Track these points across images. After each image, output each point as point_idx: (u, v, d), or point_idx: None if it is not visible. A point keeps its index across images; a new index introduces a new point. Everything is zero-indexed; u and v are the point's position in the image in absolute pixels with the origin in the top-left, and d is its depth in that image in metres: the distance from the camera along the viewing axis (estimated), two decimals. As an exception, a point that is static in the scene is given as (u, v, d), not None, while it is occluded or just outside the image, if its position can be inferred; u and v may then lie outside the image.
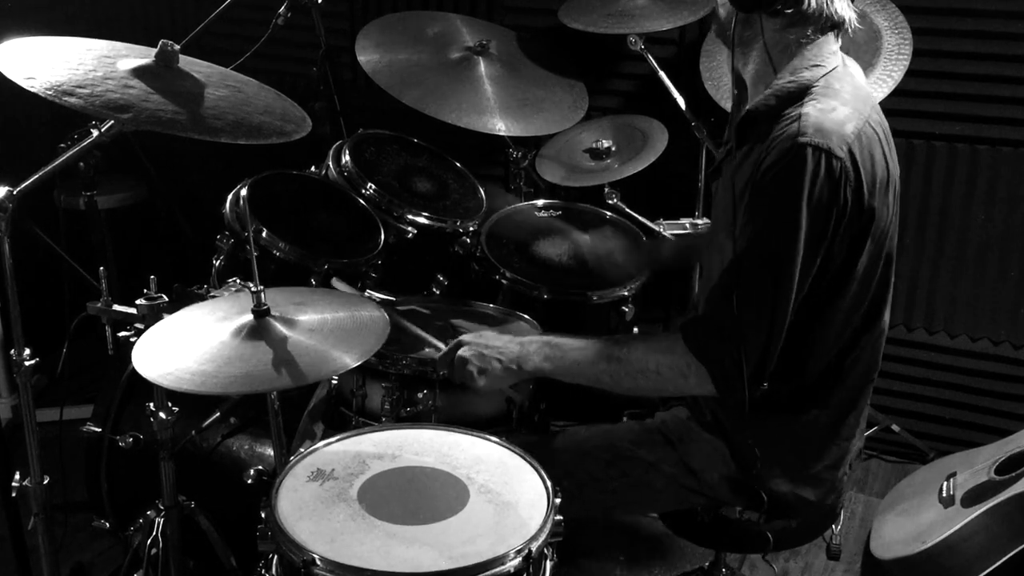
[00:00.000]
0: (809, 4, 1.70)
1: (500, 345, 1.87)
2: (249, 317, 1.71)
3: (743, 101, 1.89)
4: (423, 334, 2.08)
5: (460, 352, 1.88)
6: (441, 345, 2.00)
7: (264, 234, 2.38)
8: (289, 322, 1.72)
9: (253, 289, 1.70)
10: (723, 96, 2.82)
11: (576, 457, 1.95)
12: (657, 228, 2.82)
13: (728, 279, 1.68)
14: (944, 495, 2.42)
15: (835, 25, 1.75)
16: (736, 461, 1.91)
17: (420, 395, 2.11)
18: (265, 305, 1.71)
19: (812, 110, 1.66)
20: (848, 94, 1.72)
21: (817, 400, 1.85)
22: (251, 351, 1.64)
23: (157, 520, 2.06)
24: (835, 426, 1.88)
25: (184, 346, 1.69)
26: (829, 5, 1.72)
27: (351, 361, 1.65)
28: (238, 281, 2.30)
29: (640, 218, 2.85)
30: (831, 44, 1.77)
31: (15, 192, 1.70)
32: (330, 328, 1.74)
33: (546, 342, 1.86)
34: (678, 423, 2.00)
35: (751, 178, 1.68)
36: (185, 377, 1.59)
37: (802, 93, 1.71)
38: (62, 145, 2.06)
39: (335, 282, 2.27)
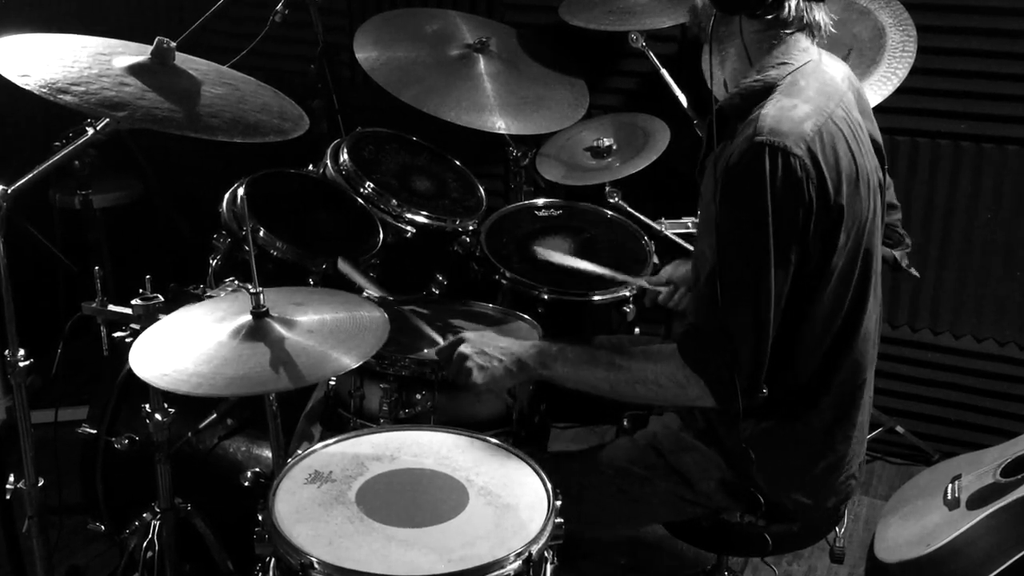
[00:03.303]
0: (788, 10, 1.72)
1: (503, 345, 1.88)
2: (247, 318, 1.69)
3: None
4: (423, 326, 2.05)
5: (461, 348, 1.87)
6: (440, 339, 1.99)
7: (261, 233, 2.37)
8: (288, 323, 1.71)
9: (252, 290, 1.68)
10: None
11: (571, 477, 1.93)
12: (658, 227, 2.80)
13: (711, 287, 1.68)
14: (949, 497, 2.40)
15: (811, 29, 1.77)
16: (731, 466, 1.90)
17: (419, 396, 2.09)
18: (264, 307, 1.69)
19: (772, 109, 1.67)
20: (813, 91, 1.71)
21: (808, 404, 1.85)
22: (249, 352, 1.63)
23: (153, 523, 2.04)
24: (829, 430, 1.88)
25: (182, 347, 1.68)
26: (808, 12, 1.74)
27: (350, 362, 1.64)
28: (235, 281, 2.29)
29: (641, 217, 2.84)
30: (801, 41, 1.78)
31: (9, 191, 1.71)
32: (329, 329, 1.73)
33: (548, 346, 1.87)
34: (669, 434, 1.99)
35: (721, 178, 1.68)
36: (182, 379, 1.58)
37: (767, 91, 1.72)
38: (57, 143, 2.05)
39: (341, 263, 2.22)
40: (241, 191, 2.46)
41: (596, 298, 2.60)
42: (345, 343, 1.69)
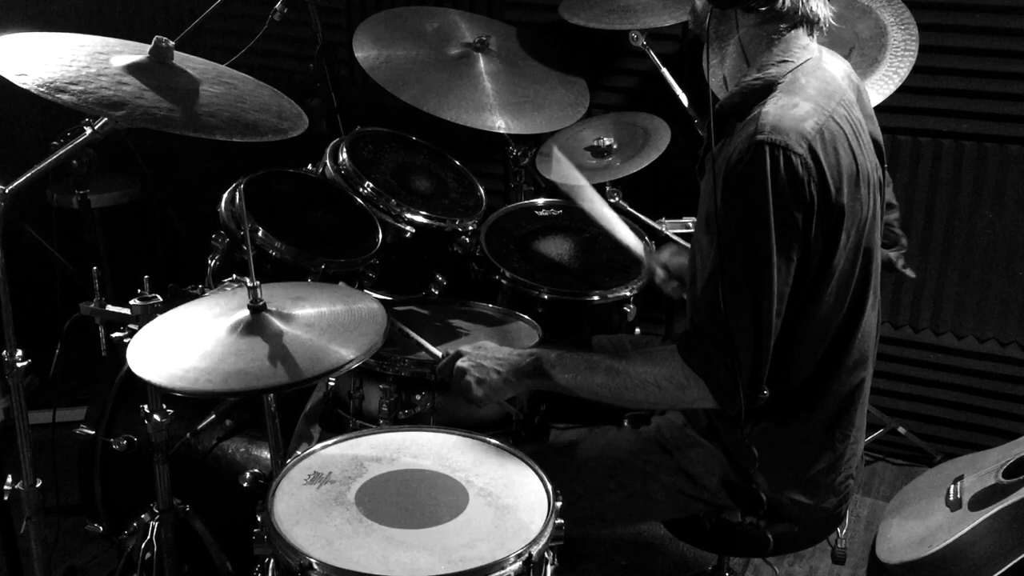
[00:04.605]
0: (784, 2, 1.70)
1: (500, 357, 1.87)
2: (245, 313, 1.69)
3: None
4: (421, 341, 2.05)
5: (459, 364, 1.87)
6: (437, 353, 1.99)
7: (260, 233, 2.36)
8: (285, 317, 1.70)
9: (249, 284, 1.67)
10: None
11: (572, 470, 1.93)
12: (659, 227, 2.79)
13: (712, 286, 1.67)
14: (951, 498, 2.39)
15: (809, 22, 1.75)
16: (733, 465, 1.89)
17: (418, 397, 2.09)
18: (261, 301, 1.68)
19: (772, 107, 1.66)
20: (813, 89, 1.70)
21: (806, 404, 1.84)
22: (247, 347, 1.62)
23: (151, 524, 2.03)
24: (828, 429, 1.87)
25: (179, 343, 1.67)
26: (804, 4, 1.72)
27: (349, 355, 1.63)
28: (233, 280, 2.28)
29: (642, 217, 2.83)
30: (801, 38, 1.77)
31: (7, 190, 1.71)
32: (327, 323, 1.72)
33: (545, 354, 1.86)
34: (674, 430, 1.99)
35: (721, 177, 1.68)
36: (178, 374, 1.57)
37: (767, 89, 1.71)
38: (55, 143, 2.04)
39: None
40: (240, 191, 2.45)
41: (596, 298, 2.60)
42: (343, 336, 1.68)
